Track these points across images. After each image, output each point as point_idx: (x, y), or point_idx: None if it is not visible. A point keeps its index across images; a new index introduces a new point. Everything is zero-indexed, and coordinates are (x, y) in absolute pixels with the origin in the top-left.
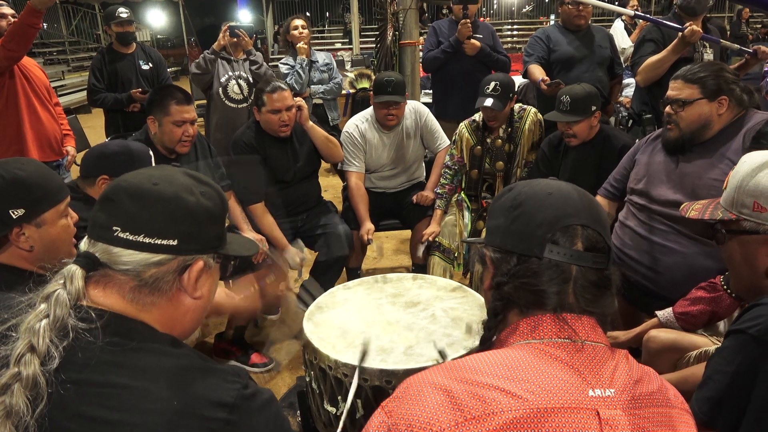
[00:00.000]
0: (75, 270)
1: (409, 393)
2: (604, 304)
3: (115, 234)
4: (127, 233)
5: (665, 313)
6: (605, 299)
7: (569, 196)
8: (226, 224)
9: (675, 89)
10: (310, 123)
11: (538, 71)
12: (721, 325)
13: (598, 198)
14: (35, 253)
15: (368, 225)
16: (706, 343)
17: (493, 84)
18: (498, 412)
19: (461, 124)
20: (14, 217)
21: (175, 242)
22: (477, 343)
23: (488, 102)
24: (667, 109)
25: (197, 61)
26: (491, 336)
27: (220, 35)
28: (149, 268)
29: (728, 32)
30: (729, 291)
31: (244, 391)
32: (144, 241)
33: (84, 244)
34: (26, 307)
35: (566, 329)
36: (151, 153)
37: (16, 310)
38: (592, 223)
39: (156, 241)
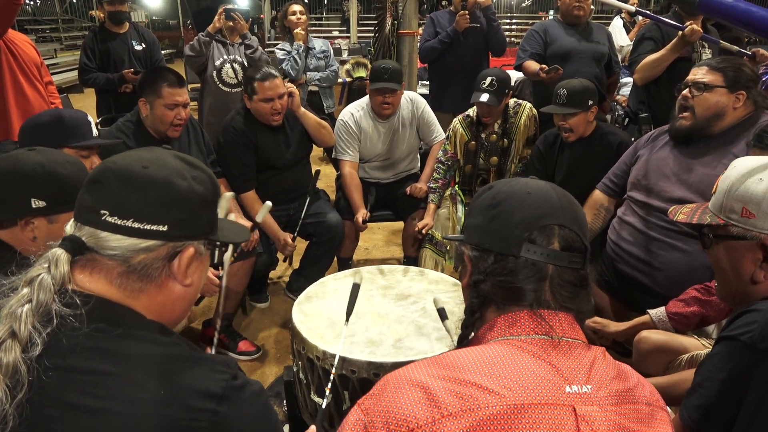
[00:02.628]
0: (60, 254)
1: (386, 390)
2: (581, 301)
3: (103, 218)
4: (115, 218)
5: (658, 313)
6: (582, 297)
7: (548, 196)
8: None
9: (698, 74)
10: (303, 110)
11: (533, 64)
12: (712, 329)
13: (596, 194)
14: (35, 244)
15: (363, 210)
16: (698, 346)
17: (489, 79)
18: (475, 408)
19: (455, 119)
20: (33, 207)
21: (165, 228)
22: None
23: (484, 97)
24: (685, 92)
25: (191, 43)
26: (468, 334)
27: (216, 18)
28: (138, 253)
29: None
30: None
31: (233, 381)
32: (133, 226)
33: (70, 227)
34: (8, 290)
35: (543, 325)
36: (90, 119)
37: None
38: (569, 223)
39: (145, 227)
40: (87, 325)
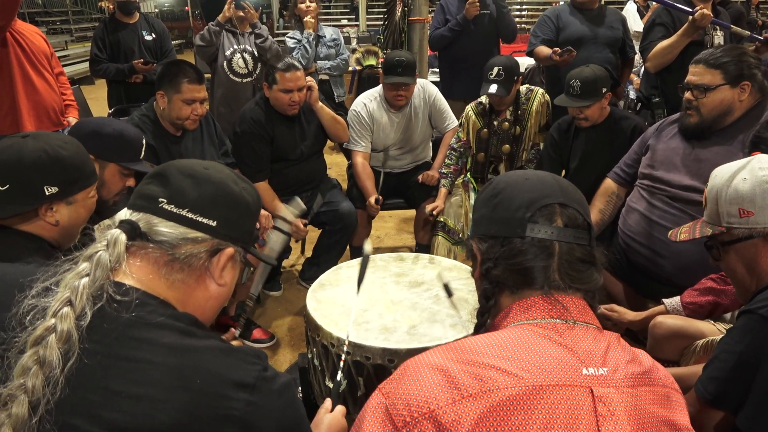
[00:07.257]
0: (118, 235)
1: (407, 374)
2: (590, 279)
3: (160, 205)
4: (172, 206)
5: (672, 302)
6: (591, 274)
7: (545, 179)
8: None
9: (696, 74)
10: (320, 104)
11: (545, 49)
12: (729, 315)
13: (608, 182)
14: (59, 228)
15: (375, 195)
16: (713, 331)
17: (496, 69)
18: (494, 389)
19: (468, 106)
20: (47, 193)
21: (214, 223)
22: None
23: (492, 89)
24: (687, 95)
25: (202, 33)
26: (485, 321)
27: (225, 7)
28: (185, 243)
29: (745, 16)
30: None
31: (265, 373)
32: (187, 215)
33: (124, 214)
34: (67, 265)
35: (558, 308)
36: (144, 142)
37: (59, 269)
38: (569, 201)
39: (197, 218)
40: (129, 313)
